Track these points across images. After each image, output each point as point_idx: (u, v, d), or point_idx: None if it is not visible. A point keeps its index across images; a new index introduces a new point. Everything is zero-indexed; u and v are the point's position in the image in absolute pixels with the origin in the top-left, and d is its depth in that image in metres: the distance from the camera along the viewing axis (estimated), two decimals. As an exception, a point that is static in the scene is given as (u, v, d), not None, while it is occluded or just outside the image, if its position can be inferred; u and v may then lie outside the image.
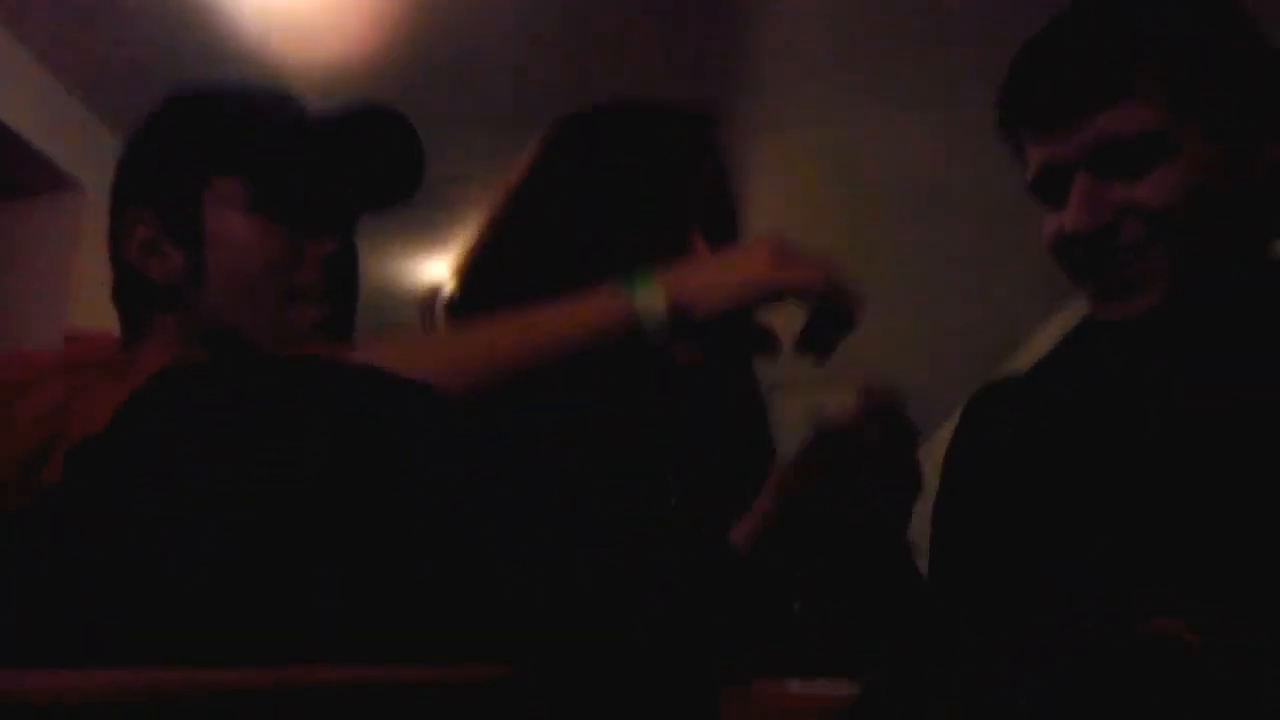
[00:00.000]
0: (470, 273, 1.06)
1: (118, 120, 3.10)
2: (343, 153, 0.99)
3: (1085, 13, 0.90)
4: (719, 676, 0.65)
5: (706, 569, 1.02)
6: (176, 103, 1.00)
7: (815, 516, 0.90)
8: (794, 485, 0.90)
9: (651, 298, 0.79)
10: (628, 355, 0.83)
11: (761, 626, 0.95)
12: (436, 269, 4.22)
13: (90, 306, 3.03)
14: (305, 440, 0.83)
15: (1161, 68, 0.85)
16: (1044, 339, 3.96)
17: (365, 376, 0.94)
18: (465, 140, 3.22)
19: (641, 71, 2.79)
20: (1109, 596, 0.81)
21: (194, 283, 0.94)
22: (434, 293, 1.09)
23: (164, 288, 0.94)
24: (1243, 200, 0.87)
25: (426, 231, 3.90)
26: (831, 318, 0.81)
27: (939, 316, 4.07)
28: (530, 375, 0.82)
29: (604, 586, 1.00)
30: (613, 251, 0.96)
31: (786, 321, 0.86)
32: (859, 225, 3.56)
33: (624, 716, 0.98)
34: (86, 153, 3.05)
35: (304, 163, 0.97)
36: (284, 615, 0.79)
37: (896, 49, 2.65)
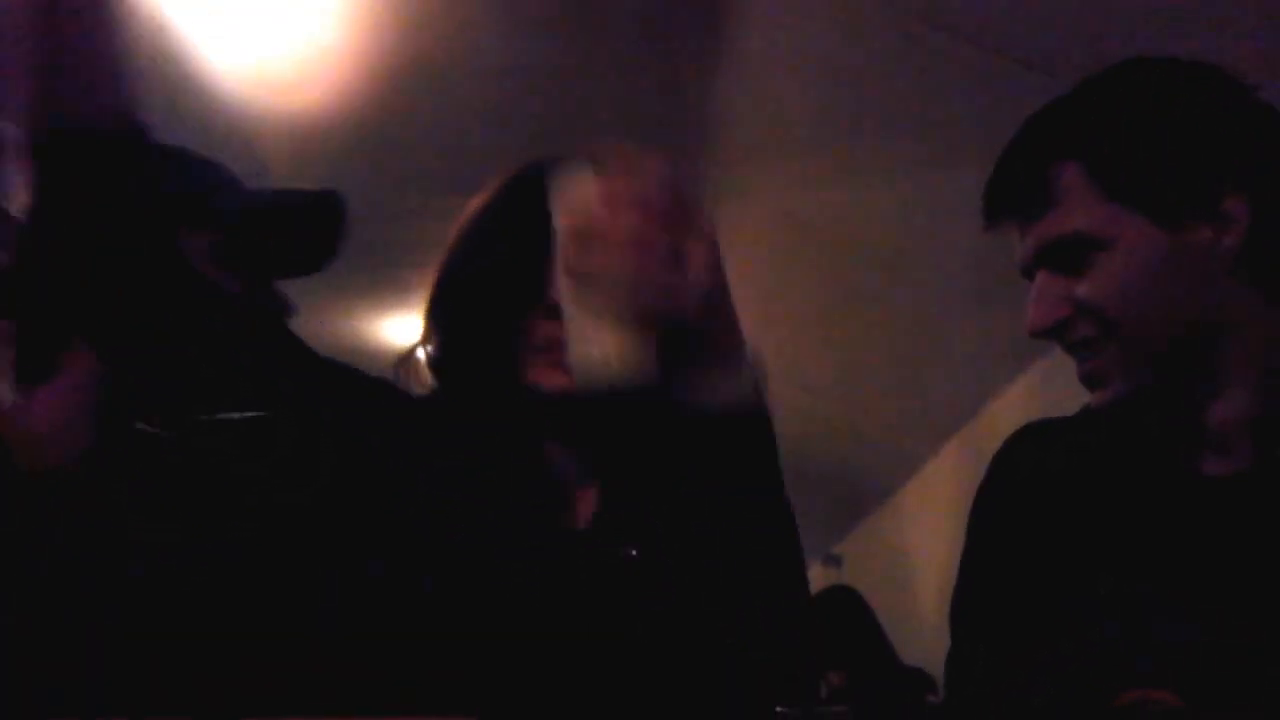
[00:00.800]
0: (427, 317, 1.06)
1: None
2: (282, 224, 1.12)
3: (1024, 130, 0.94)
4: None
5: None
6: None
7: None
8: None
9: None
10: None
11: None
12: (406, 328, 4.20)
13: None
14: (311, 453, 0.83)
15: (1088, 170, 0.88)
16: (1013, 394, 3.99)
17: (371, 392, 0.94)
18: (436, 199, 3.22)
19: (614, 138, 2.81)
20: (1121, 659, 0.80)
21: None
22: (411, 351, 1.10)
23: None
24: (1209, 272, 0.87)
25: (396, 291, 3.89)
26: None
27: (910, 371, 4.10)
28: None
29: (596, 601, 0.98)
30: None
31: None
32: (829, 285, 3.60)
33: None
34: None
35: (265, 224, 1.09)
36: (284, 618, 0.79)
37: (864, 123, 2.69)
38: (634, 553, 0.92)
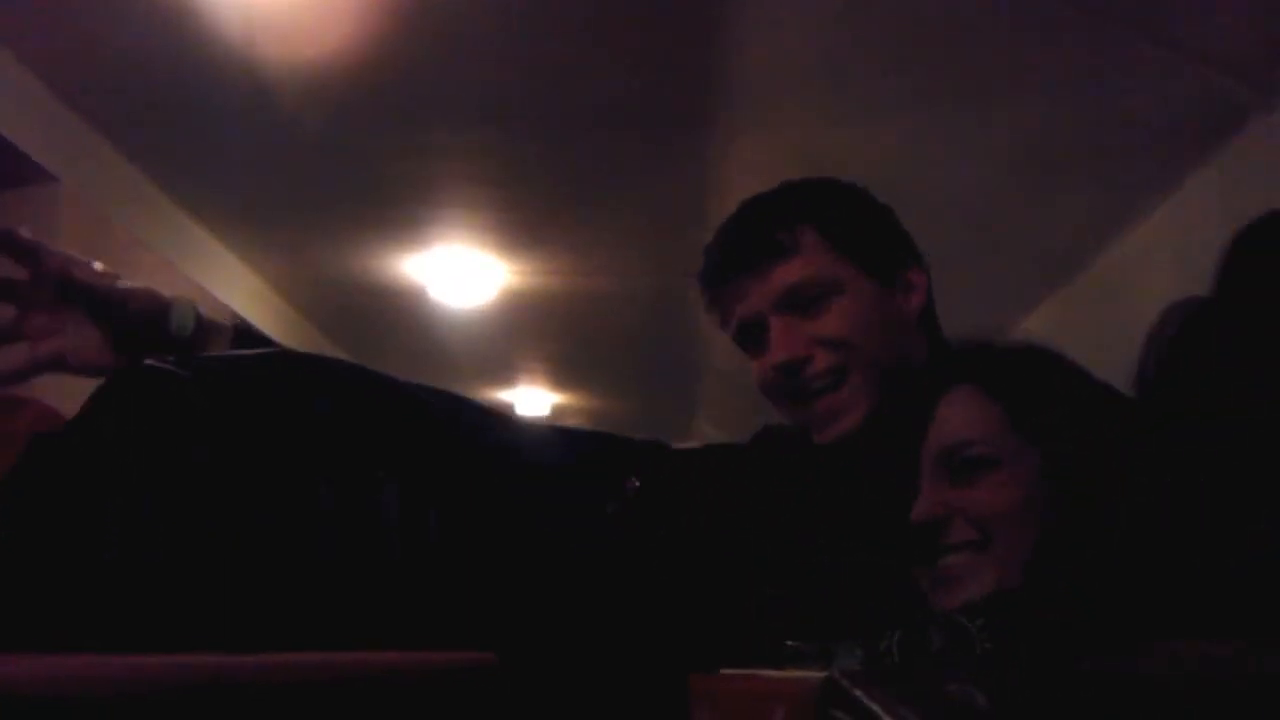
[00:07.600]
0: None
1: (92, 113, 3.07)
2: None
3: (760, 199, 1.18)
4: (687, 664, 0.66)
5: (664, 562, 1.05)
6: None
7: None
8: None
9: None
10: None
11: (726, 615, 0.98)
12: (416, 265, 4.21)
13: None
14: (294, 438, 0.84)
15: (819, 230, 1.10)
16: (1022, 329, 3.98)
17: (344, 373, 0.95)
18: (444, 137, 3.20)
19: (626, 72, 2.80)
20: None
21: None
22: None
23: None
24: (906, 322, 1.11)
25: (407, 228, 3.89)
26: None
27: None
28: None
29: (582, 583, 1.02)
30: None
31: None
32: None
33: (599, 702, 1.00)
34: (61, 145, 3.03)
35: None
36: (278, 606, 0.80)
37: (874, 58, 2.66)
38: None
